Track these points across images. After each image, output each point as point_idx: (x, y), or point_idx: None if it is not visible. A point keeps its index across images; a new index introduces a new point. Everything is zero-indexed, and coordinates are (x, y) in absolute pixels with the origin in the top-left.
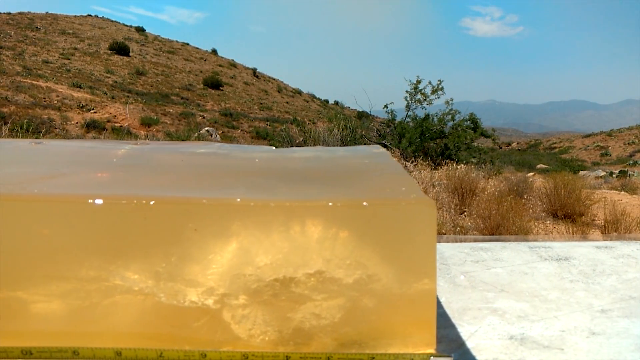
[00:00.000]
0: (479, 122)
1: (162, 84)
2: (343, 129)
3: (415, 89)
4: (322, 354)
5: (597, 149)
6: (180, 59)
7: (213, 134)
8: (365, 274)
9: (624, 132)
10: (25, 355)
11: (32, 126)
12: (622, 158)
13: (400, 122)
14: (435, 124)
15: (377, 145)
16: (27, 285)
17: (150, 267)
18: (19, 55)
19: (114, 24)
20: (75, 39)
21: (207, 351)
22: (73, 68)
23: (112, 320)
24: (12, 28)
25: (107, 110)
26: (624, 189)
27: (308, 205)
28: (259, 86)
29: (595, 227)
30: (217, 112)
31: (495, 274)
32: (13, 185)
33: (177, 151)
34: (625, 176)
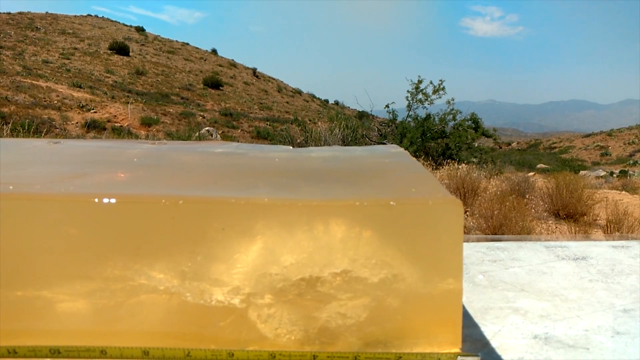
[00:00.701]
0: (480, 122)
1: (162, 84)
2: (344, 129)
3: (416, 88)
4: (350, 353)
5: (597, 149)
6: (180, 58)
7: (213, 134)
8: (390, 274)
9: (624, 132)
10: (53, 355)
11: (32, 126)
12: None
13: (401, 122)
14: (436, 123)
15: (395, 145)
16: (51, 284)
17: (176, 266)
18: (19, 55)
19: (113, 24)
20: (75, 39)
21: (235, 350)
22: (73, 68)
23: (137, 320)
24: (12, 28)
25: (107, 110)
26: (624, 188)
27: (334, 204)
28: (259, 86)
29: (597, 227)
30: (217, 112)
31: (514, 274)
32: (40, 184)
33: (195, 151)
34: (625, 176)
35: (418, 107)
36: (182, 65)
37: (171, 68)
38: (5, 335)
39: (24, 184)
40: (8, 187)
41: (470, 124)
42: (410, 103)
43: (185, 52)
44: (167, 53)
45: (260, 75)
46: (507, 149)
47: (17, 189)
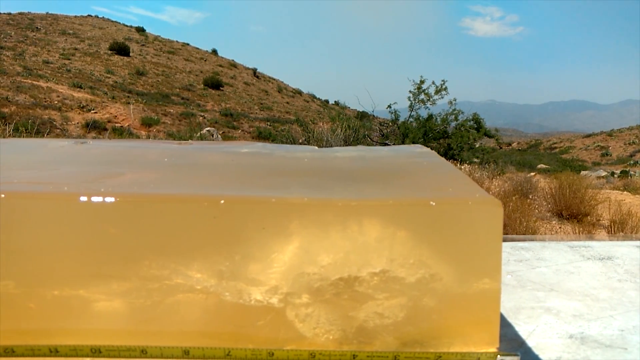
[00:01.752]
0: (482, 122)
1: (162, 84)
2: (346, 129)
3: (418, 89)
4: (389, 352)
5: (598, 149)
6: (180, 59)
7: (214, 134)
8: (428, 274)
9: (624, 132)
10: (94, 354)
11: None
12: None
13: (403, 122)
14: (438, 124)
15: (419, 145)
16: (88, 283)
17: (214, 265)
18: (20, 55)
19: (114, 24)
20: (75, 39)
21: (274, 350)
22: (73, 68)
23: (174, 319)
24: (13, 28)
25: (108, 111)
26: (626, 189)
27: (370, 204)
28: (259, 86)
29: (601, 227)
30: (218, 113)
31: (541, 274)
32: (77, 184)
33: (220, 151)
34: (627, 176)
35: (420, 107)
36: (183, 66)
37: (171, 68)
38: (45, 334)
39: (62, 183)
40: (48, 186)
41: (472, 124)
42: (413, 103)
43: (185, 52)
44: (167, 53)
45: (260, 75)
46: (507, 149)
47: (55, 189)
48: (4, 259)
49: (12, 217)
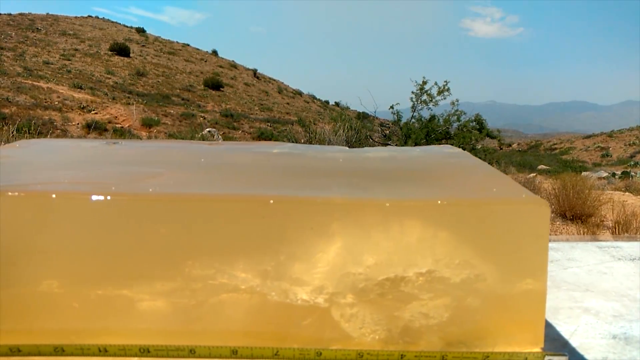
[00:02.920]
0: (484, 122)
1: (162, 85)
2: (348, 130)
3: (421, 89)
4: (437, 352)
5: (598, 150)
6: (180, 59)
7: (215, 135)
8: (472, 274)
9: (624, 133)
10: (143, 354)
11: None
12: (623, 159)
13: (406, 123)
14: (440, 124)
15: (449, 145)
16: (131, 283)
17: (259, 265)
18: (20, 56)
19: (114, 25)
20: (75, 40)
21: (322, 350)
22: (74, 69)
23: (219, 319)
24: (13, 29)
25: (108, 111)
26: (628, 189)
27: (415, 204)
28: (260, 87)
29: (605, 228)
30: (218, 113)
31: (574, 274)
32: (124, 184)
33: (252, 151)
34: (628, 177)
35: (422, 108)
36: (183, 67)
37: (172, 69)
38: (91, 333)
39: (108, 183)
40: (94, 186)
41: (474, 125)
42: (415, 104)
43: (185, 53)
44: (167, 54)
45: (260, 76)
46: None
47: (103, 189)
48: (48, 259)
49: (60, 217)
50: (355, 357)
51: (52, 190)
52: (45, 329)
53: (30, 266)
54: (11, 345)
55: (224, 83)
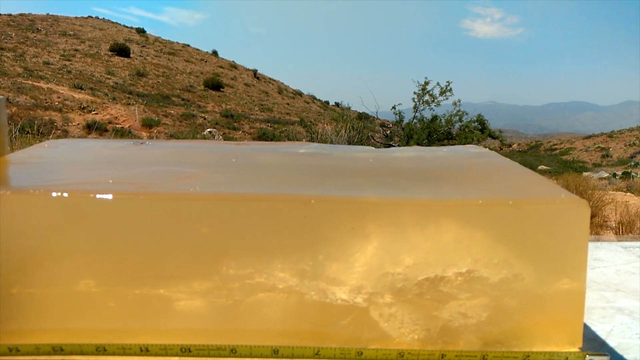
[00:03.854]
0: (486, 123)
1: (162, 85)
2: (350, 130)
3: (423, 90)
4: (477, 352)
5: (598, 150)
6: (180, 60)
7: (216, 135)
8: (511, 274)
9: (624, 133)
10: (184, 353)
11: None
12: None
13: (408, 124)
14: (442, 125)
15: (474, 145)
16: (168, 282)
17: (297, 265)
18: (20, 56)
19: (114, 25)
20: (76, 40)
21: (363, 349)
22: (74, 69)
23: (256, 319)
24: (13, 29)
25: (108, 112)
26: (629, 190)
27: (452, 204)
28: (260, 87)
29: (608, 228)
30: (218, 114)
31: (602, 274)
32: (164, 184)
33: (278, 151)
34: (629, 177)
35: (425, 108)
36: (183, 67)
37: (172, 69)
38: (129, 332)
39: (146, 183)
40: (134, 186)
41: (476, 125)
42: (417, 104)
43: (185, 53)
44: (167, 54)
45: (260, 76)
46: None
47: (144, 189)
48: (85, 258)
49: (100, 217)
50: (396, 357)
51: (94, 190)
52: (84, 329)
53: (68, 265)
54: (54, 344)
55: (224, 83)
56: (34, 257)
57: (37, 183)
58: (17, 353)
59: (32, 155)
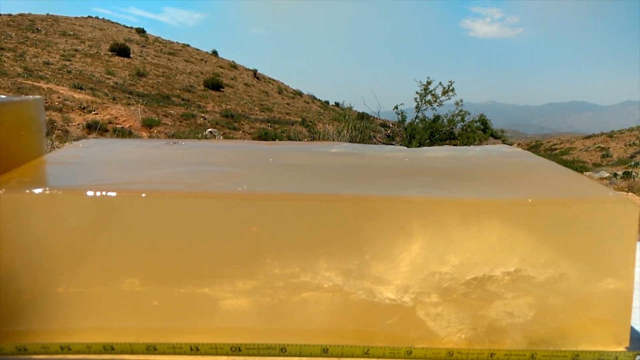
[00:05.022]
0: (488, 123)
1: (162, 85)
2: (352, 130)
3: (425, 90)
4: (526, 351)
5: (598, 150)
6: (180, 60)
7: (216, 135)
8: (557, 273)
9: (624, 133)
10: (234, 352)
11: None
12: (624, 159)
13: (410, 124)
14: (445, 125)
15: (505, 144)
16: (212, 282)
17: (342, 264)
18: (20, 56)
19: (114, 26)
20: (76, 41)
21: (413, 348)
22: (74, 69)
23: (302, 318)
24: (13, 29)
25: (109, 112)
26: (630, 190)
27: (500, 203)
28: (260, 87)
29: None
30: (218, 114)
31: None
32: (210, 184)
33: (311, 151)
34: (629, 177)
35: (426, 108)
36: (183, 67)
37: (172, 69)
38: (175, 331)
39: (191, 182)
40: (181, 185)
41: (478, 125)
42: (419, 104)
43: (185, 53)
44: (167, 54)
45: (260, 76)
46: None
47: (195, 188)
48: (129, 257)
49: (146, 216)
50: (445, 356)
51: (142, 189)
52: (130, 328)
53: (112, 264)
54: (105, 343)
55: (224, 83)
56: (79, 256)
57: (82, 182)
58: (69, 352)
59: (70, 155)
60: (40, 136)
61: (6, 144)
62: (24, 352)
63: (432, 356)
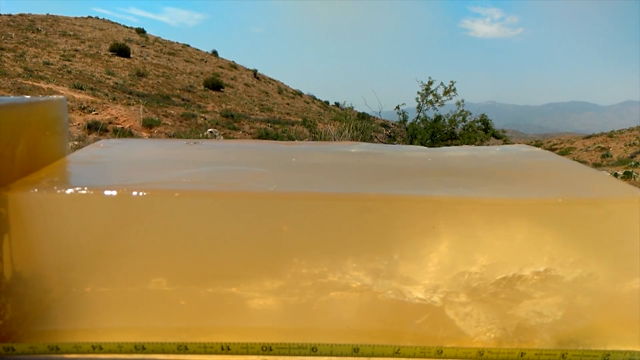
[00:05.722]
0: (490, 123)
1: (162, 86)
2: (353, 130)
3: (427, 90)
4: (557, 350)
5: (598, 150)
6: (180, 60)
7: (217, 136)
8: (585, 273)
9: (624, 133)
10: (265, 352)
11: None
12: (624, 159)
13: (412, 124)
14: (446, 125)
15: (524, 144)
16: (239, 281)
17: (370, 264)
18: (20, 56)
19: (114, 26)
20: (76, 41)
21: (443, 348)
22: (74, 69)
23: (330, 317)
24: (13, 30)
25: (109, 112)
26: None
27: (531, 202)
28: (260, 87)
29: None
30: (218, 114)
31: None
32: (239, 183)
33: (332, 151)
34: (630, 177)
35: (428, 108)
36: (183, 67)
37: (172, 70)
38: (203, 331)
39: (222, 182)
40: (212, 185)
41: (480, 125)
42: (421, 104)
43: (185, 53)
44: (167, 55)
45: (260, 76)
46: None
47: (226, 188)
48: (158, 257)
49: (175, 215)
50: (476, 355)
51: (172, 189)
52: (158, 327)
53: (139, 264)
54: (136, 342)
55: (224, 83)
56: (107, 255)
57: (112, 182)
58: (100, 351)
59: (93, 155)
60: (64, 136)
61: (33, 143)
62: (56, 352)
63: (463, 355)
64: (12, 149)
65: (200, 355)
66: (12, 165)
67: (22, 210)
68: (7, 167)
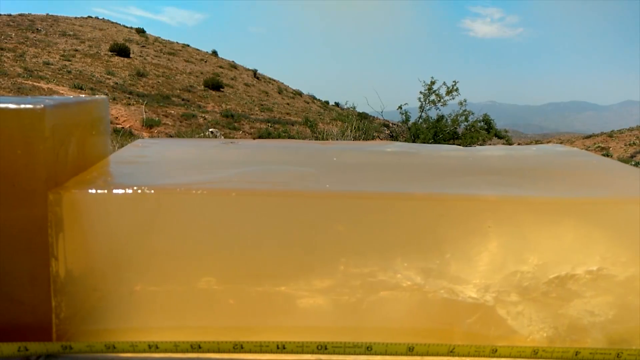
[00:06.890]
0: (492, 122)
1: (162, 86)
2: (355, 130)
3: (429, 89)
4: (612, 349)
5: (598, 150)
6: (180, 60)
7: (217, 135)
8: (637, 272)
9: (624, 133)
10: (320, 350)
11: None
12: (624, 159)
13: (414, 124)
14: (449, 124)
15: (559, 144)
16: (288, 280)
17: (421, 263)
18: (20, 56)
19: (114, 26)
20: (75, 41)
21: (499, 346)
22: (74, 69)
23: (381, 316)
24: (13, 30)
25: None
26: None
27: (580, 202)
28: (260, 87)
29: None
30: (218, 114)
31: None
32: (293, 183)
33: (368, 150)
34: None
35: (430, 108)
36: (183, 67)
37: (172, 69)
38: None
39: (270, 182)
40: (261, 185)
41: (482, 125)
42: (423, 104)
43: (185, 53)
44: (167, 55)
45: (260, 76)
46: None
47: (280, 187)
48: (207, 256)
49: (226, 214)
50: (530, 354)
51: (230, 188)
52: (208, 326)
53: (189, 263)
54: (192, 341)
55: (224, 83)
56: (157, 254)
57: (162, 182)
58: (157, 350)
59: (135, 155)
60: (106, 136)
61: (82, 143)
62: (112, 350)
63: (517, 354)
64: (65, 148)
65: (256, 354)
66: (65, 165)
67: (77, 210)
68: (61, 166)
